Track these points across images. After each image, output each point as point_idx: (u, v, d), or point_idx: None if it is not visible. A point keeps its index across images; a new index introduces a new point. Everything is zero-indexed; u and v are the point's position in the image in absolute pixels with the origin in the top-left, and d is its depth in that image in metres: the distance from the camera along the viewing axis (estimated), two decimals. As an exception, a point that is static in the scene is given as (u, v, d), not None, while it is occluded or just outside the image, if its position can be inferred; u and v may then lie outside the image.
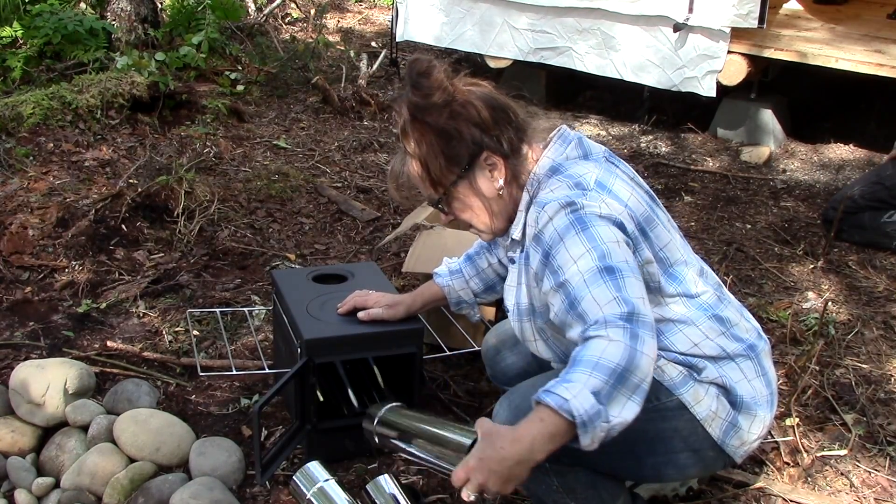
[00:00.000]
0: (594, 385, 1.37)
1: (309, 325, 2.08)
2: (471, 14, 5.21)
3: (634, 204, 1.66)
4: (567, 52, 4.95)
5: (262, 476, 1.96)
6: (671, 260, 1.70)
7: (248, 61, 5.57)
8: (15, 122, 3.90)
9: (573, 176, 1.66)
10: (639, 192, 1.71)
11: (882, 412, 2.45)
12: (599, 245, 1.53)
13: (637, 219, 1.64)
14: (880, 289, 3.19)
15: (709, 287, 1.76)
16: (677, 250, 1.73)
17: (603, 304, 1.47)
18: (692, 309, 1.71)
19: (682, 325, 1.70)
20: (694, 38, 4.54)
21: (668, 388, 1.69)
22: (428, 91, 1.68)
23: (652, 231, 1.68)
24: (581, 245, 1.54)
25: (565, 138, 1.76)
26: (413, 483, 2.11)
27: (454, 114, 1.68)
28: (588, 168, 1.68)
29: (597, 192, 1.62)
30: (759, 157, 4.57)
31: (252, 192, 3.77)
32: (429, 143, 1.70)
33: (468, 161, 1.70)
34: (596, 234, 1.55)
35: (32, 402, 2.29)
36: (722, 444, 1.71)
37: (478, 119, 1.69)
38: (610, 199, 1.61)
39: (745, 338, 1.75)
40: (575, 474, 1.66)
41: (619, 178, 1.69)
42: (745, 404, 1.71)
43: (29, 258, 3.07)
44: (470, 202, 1.75)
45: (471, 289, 2.10)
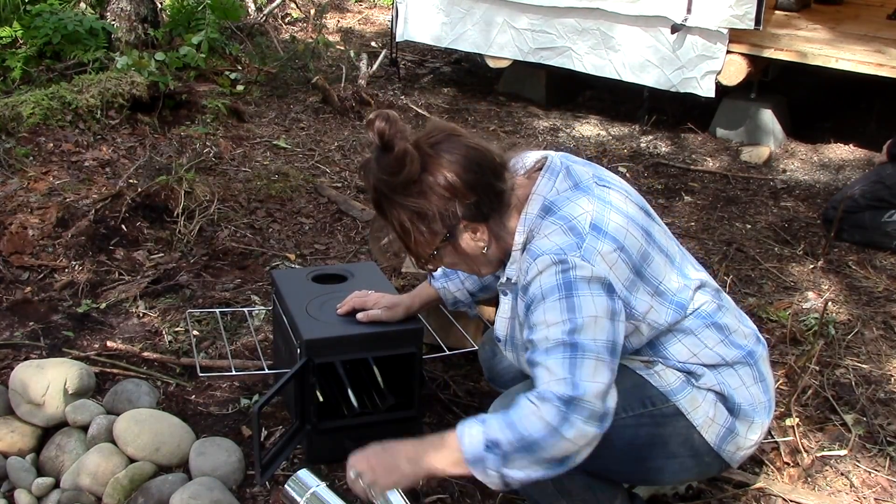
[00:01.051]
0: (498, 439, 1.50)
1: (309, 325, 2.08)
2: (471, 14, 5.21)
3: (630, 242, 1.62)
4: (567, 53, 4.95)
5: (261, 476, 1.96)
6: (669, 287, 1.68)
7: (248, 61, 5.57)
8: (15, 122, 3.90)
9: (567, 218, 1.61)
10: (634, 218, 1.67)
11: (882, 412, 2.45)
12: (576, 318, 1.52)
13: (628, 265, 1.60)
14: (880, 289, 3.19)
15: (707, 295, 1.75)
16: (675, 273, 1.70)
17: (552, 379, 1.51)
18: (690, 319, 1.71)
19: (681, 334, 1.71)
20: (692, 38, 4.54)
21: (665, 393, 1.69)
22: (396, 167, 1.59)
23: (648, 267, 1.65)
24: (558, 313, 1.53)
25: (553, 171, 1.69)
26: (413, 483, 2.11)
27: (425, 190, 1.60)
28: (582, 205, 1.63)
29: (592, 239, 1.57)
30: (759, 157, 4.57)
31: (252, 192, 3.77)
32: (402, 221, 1.64)
33: (446, 232, 1.66)
34: (577, 304, 1.53)
35: (32, 403, 2.29)
36: (718, 450, 1.71)
37: (451, 191, 1.61)
38: (605, 247, 1.57)
39: (744, 344, 1.75)
40: (569, 478, 1.66)
41: (614, 208, 1.64)
42: (743, 411, 1.71)
43: (29, 258, 3.07)
44: (455, 260, 1.74)
45: (466, 289, 2.10)
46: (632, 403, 1.68)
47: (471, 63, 6.21)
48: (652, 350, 1.72)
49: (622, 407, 1.66)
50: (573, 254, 1.55)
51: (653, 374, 1.70)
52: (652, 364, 1.72)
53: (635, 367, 1.71)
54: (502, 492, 1.71)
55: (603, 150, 4.64)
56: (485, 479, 1.53)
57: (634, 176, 4.27)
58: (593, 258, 1.56)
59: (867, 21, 5.23)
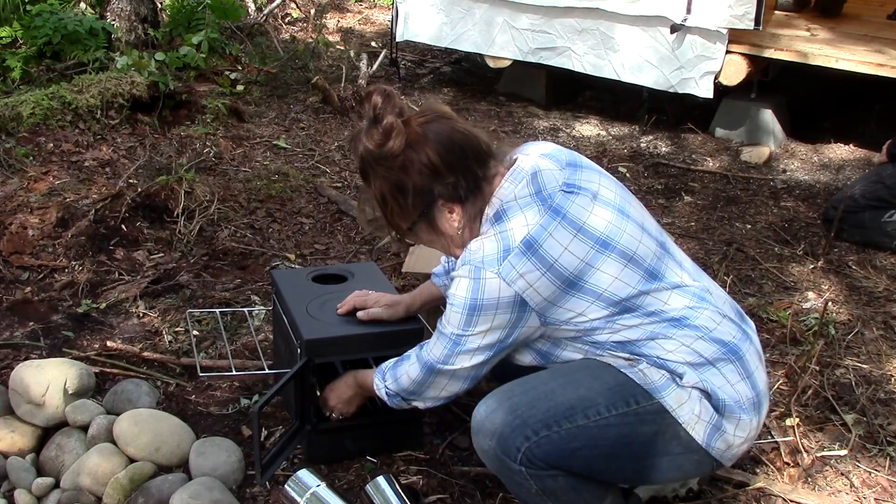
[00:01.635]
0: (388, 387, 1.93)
1: (309, 325, 2.08)
2: (471, 14, 5.21)
3: (566, 258, 1.65)
4: (566, 53, 4.95)
5: (262, 476, 1.96)
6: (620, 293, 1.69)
7: (248, 61, 5.57)
8: (15, 122, 3.90)
9: (506, 232, 1.67)
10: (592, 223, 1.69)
11: (882, 412, 2.45)
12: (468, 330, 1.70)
13: (564, 276, 1.65)
14: (880, 289, 3.19)
15: (684, 297, 1.74)
16: (638, 276, 1.70)
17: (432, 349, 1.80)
18: (658, 324, 1.72)
19: (655, 339, 1.72)
20: (691, 38, 4.54)
21: (650, 391, 1.68)
22: (381, 140, 1.68)
23: (590, 278, 1.67)
24: (457, 320, 1.71)
25: (516, 175, 1.75)
26: (413, 483, 2.11)
27: (406, 164, 1.69)
28: (527, 218, 1.67)
29: (517, 256, 1.64)
30: (759, 157, 4.57)
31: (252, 192, 3.77)
32: (383, 191, 1.73)
33: (423, 209, 1.73)
34: (474, 321, 1.69)
35: (32, 403, 2.29)
36: (707, 448, 1.71)
37: (430, 168, 1.69)
38: (527, 267, 1.64)
39: (728, 340, 1.74)
40: (553, 478, 1.66)
41: (564, 222, 1.67)
42: (729, 408, 1.71)
43: (29, 258, 3.07)
44: (431, 237, 1.82)
45: None
46: (615, 402, 1.68)
47: (471, 63, 6.21)
48: (626, 351, 1.72)
49: (606, 406, 1.67)
50: (491, 270, 1.64)
51: (637, 372, 1.70)
52: (636, 362, 1.71)
53: (619, 365, 1.71)
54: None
55: (603, 150, 4.64)
56: (387, 402, 1.95)
57: (634, 176, 4.28)
58: (510, 276, 1.64)
59: (867, 21, 5.23)
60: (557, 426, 1.65)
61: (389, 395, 1.93)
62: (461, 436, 2.27)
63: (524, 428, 1.64)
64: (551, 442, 1.64)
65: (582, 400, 1.67)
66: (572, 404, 1.67)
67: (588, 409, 1.67)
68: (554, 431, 1.64)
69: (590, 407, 1.67)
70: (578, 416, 1.66)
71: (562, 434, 1.64)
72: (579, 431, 1.65)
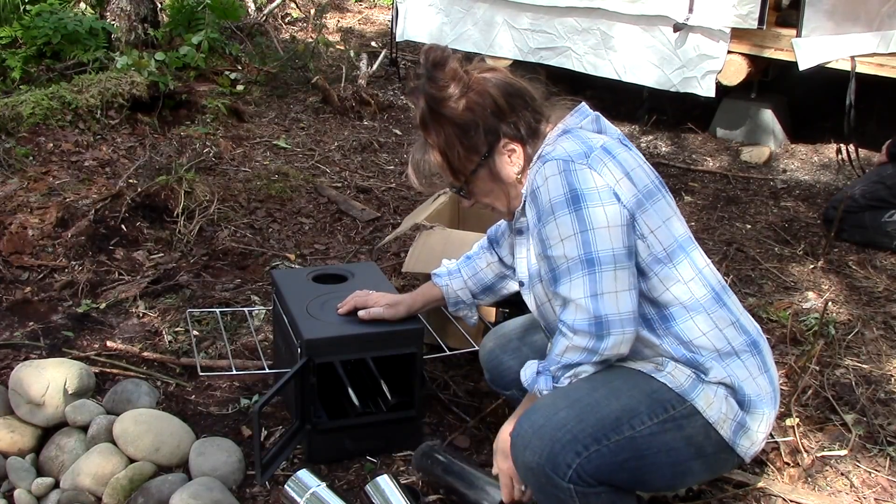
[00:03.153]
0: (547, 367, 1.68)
1: (309, 325, 2.07)
2: (471, 14, 5.21)
3: (638, 174, 1.69)
4: (566, 53, 4.95)
5: (262, 476, 1.96)
6: (675, 235, 1.71)
7: (248, 61, 5.57)
8: (15, 122, 3.90)
9: (581, 137, 1.70)
10: (646, 168, 1.74)
11: (882, 412, 2.45)
12: (587, 230, 1.59)
13: (638, 189, 1.66)
14: (880, 289, 3.19)
15: (714, 275, 1.77)
16: (681, 226, 1.74)
17: (577, 300, 1.61)
18: (701, 290, 1.70)
19: (693, 311, 1.69)
20: (694, 38, 4.54)
21: (681, 394, 1.67)
22: (444, 83, 1.70)
23: (654, 204, 1.68)
24: (570, 226, 1.60)
25: (583, 112, 1.79)
26: (413, 483, 2.11)
27: (470, 104, 1.71)
28: (598, 137, 1.72)
29: (601, 153, 1.65)
30: (759, 157, 4.57)
31: (252, 192, 3.77)
32: (447, 135, 1.73)
33: (487, 150, 1.73)
34: (587, 216, 1.59)
35: (32, 402, 2.28)
36: (733, 445, 1.71)
37: (494, 108, 1.71)
38: (612, 165, 1.65)
39: (750, 331, 1.75)
40: (597, 496, 1.64)
41: (629, 152, 1.72)
42: (752, 403, 1.71)
43: (29, 258, 3.07)
44: (490, 187, 1.79)
45: (469, 289, 2.10)
46: (656, 410, 1.66)
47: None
48: (663, 324, 1.70)
49: (648, 415, 1.65)
50: (580, 161, 1.63)
51: (666, 376, 1.69)
52: (662, 365, 1.70)
53: (648, 370, 1.71)
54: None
55: (603, 150, 4.64)
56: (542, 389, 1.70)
57: (634, 176, 4.27)
58: (600, 168, 1.64)
59: (867, 21, 5.22)
60: (606, 439, 1.61)
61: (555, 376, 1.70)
62: (461, 436, 2.27)
63: (575, 443, 1.60)
64: (601, 456, 1.61)
65: (626, 410, 1.65)
66: (618, 415, 1.64)
67: (633, 418, 1.64)
68: (604, 445, 1.61)
69: (634, 417, 1.64)
70: (625, 428, 1.63)
71: (611, 447, 1.61)
72: (627, 443, 1.63)
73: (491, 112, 1.71)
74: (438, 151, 1.76)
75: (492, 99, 1.71)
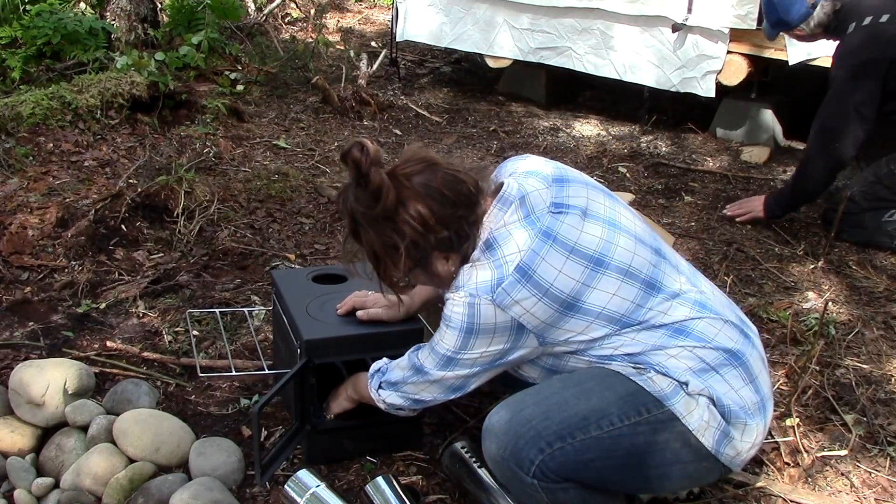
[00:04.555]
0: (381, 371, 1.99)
1: (309, 325, 2.07)
2: (471, 14, 5.21)
3: (562, 281, 1.64)
4: (566, 52, 4.95)
5: (261, 477, 1.96)
6: (619, 310, 1.70)
7: (248, 61, 5.57)
8: (14, 122, 3.90)
9: (498, 260, 1.66)
10: (584, 241, 1.68)
11: (882, 412, 2.45)
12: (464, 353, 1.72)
13: (550, 310, 1.65)
14: (880, 289, 3.19)
15: (684, 307, 1.74)
16: (636, 290, 1.70)
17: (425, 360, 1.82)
18: (660, 336, 1.72)
19: (658, 350, 1.72)
20: (693, 38, 4.54)
21: (660, 399, 1.68)
22: (371, 202, 1.65)
23: (588, 299, 1.66)
24: (452, 342, 1.72)
25: (505, 201, 1.73)
26: (413, 483, 2.11)
27: (399, 223, 1.66)
28: (518, 243, 1.66)
29: (512, 284, 1.63)
30: (759, 157, 4.57)
31: (252, 192, 3.77)
32: (378, 250, 1.72)
33: (416, 262, 1.72)
34: (469, 344, 1.71)
35: (32, 403, 2.28)
36: (716, 454, 1.70)
37: (422, 223, 1.66)
38: (523, 293, 1.63)
39: (730, 347, 1.74)
40: (565, 491, 1.66)
41: (554, 246, 1.66)
42: (734, 414, 1.70)
43: (28, 258, 3.07)
44: (427, 281, 1.85)
45: None
46: (628, 412, 1.67)
47: (471, 63, 6.20)
48: (631, 361, 1.72)
49: (618, 416, 1.66)
50: (485, 297, 1.64)
51: (646, 380, 1.70)
52: (644, 370, 1.71)
53: (628, 373, 1.71)
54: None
55: (603, 150, 4.64)
56: (375, 398, 1.97)
57: (634, 176, 4.28)
58: (505, 303, 1.64)
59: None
60: (571, 437, 1.64)
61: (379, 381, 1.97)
62: (461, 436, 2.27)
63: (538, 440, 1.63)
64: (565, 454, 1.63)
65: (595, 410, 1.66)
66: (586, 415, 1.66)
67: (601, 419, 1.66)
68: (568, 443, 1.63)
69: (603, 417, 1.66)
70: (592, 427, 1.65)
71: (576, 445, 1.63)
72: (593, 442, 1.64)
73: (420, 229, 1.66)
74: (370, 260, 1.76)
75: (419, 215, 1.65)
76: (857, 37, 3.23)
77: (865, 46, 3.22)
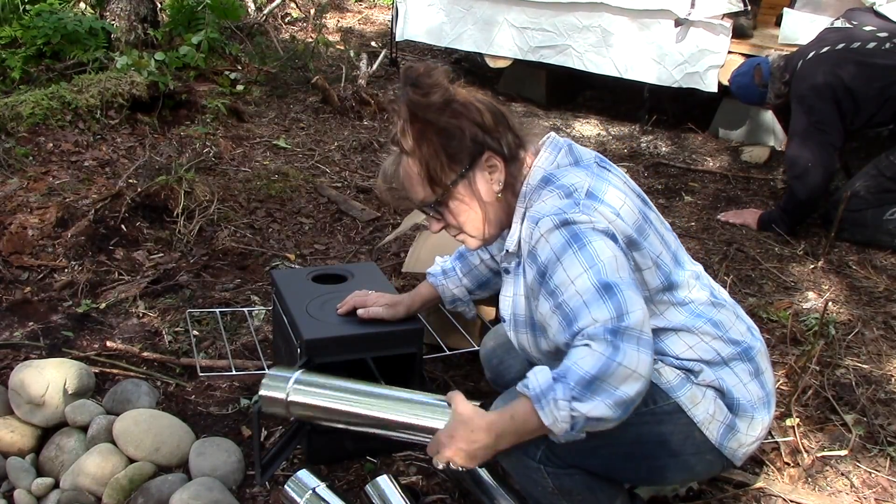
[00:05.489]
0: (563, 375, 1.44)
1: (309, 325, 2.07)
2: (471, 13, 5.21)
3: (626, 212, 1.64)
4: (567, 51, 4.95)
5: (261, 476, 1.96)
6: (665, 267, 1.70)
7: (248, 61, 5.57)
8: (14, 122, 3.90)
9: (564, 186, 1.64)
10: (631, 198, 1.70)
11: (882, 412, 2.45)
12: (596, 262, 1.52)
13: (628, 228, 1.63)
14: (881, 289, 3.19)
15: (704, 290, 1.76)
16: (670, 256, 1.72)
17: (598, 319, 1.47)
18: (685, 314, 1.71)
19: (679, 330, 1.71)
20: (695, 32, 4.55)
21: (666, 390, 1.69)
22: (428, 90, 1.65)
23: (645, 240, 1.66)
24: (578, 265, 1.53)
25: (555, 145, 1.74)
26: (413, 483, 2.11)
27: (456, 112, 1.66)
28: (579, 176, 1.66)
29: (588, 201, 1.60)
30: (759, 157, 4.57)
31: (252, 192, 3.77)
32: (429, 142, 1.66)
33: (469, 160, 1.68)
34: (592, 251, 1.53)
35: (32, 403, 2.28)
36: (720, 447, 1.71)
37: (479, 119, 1.67)
38: (602, 209, 1.60)
39: (741, 340, 1.75)
40: (570, 477, 1.66)
41: (612, 185, 1.67)
42: (742, 407, 1.72)
43: (28, 258, 3.07)
44: (467, 204, 1.72)
45: (464, 286, 2.11)
46: None
47: (471, 63, 6.21)
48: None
49: None
50: (572, 211, 1.58)
51: (653, 373, 1.70)
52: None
53: None
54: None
55: (603, 150, 4.64)
56: (552, 421, 1.44)
57: (634, 176, 4.27)
58: (592, 213, 1.59)
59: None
60: None
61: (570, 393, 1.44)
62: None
63: None
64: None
65: None
66: None
67: None
68: None
69: None
70: None
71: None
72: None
73: (476, 123, 1.67)
74: (417, 161, 1.68)
75: (477, 110, 1.68)
76: (803, 69, 3.51)
77: (811, 74, 3.47)
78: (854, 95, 3.39)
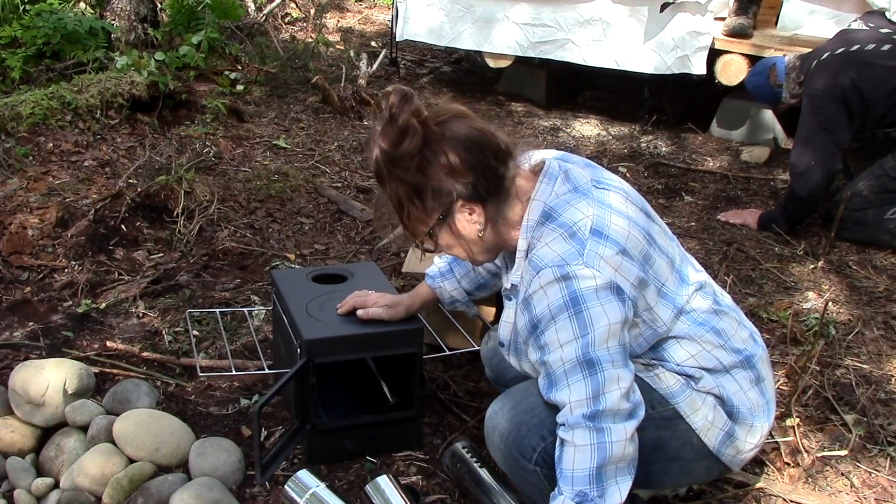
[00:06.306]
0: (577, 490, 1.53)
1: (309, 325, 2.07)
2: (471, 12, 5.21)
3: (632, 242, 1.61)
4: (567, 46, 4.94)
5: (261, 476, 1.96)
6: (669, 295, 1.68)
7: (248, 61, 5.57)
8: (14, 122, 3.89)
9: (567, 224, 1.60)
10: (634, 218, 1.66)
11: (882, 412, 2.45)
12: (588, 332, 1.53)
13: (635, 267, 1.60)
14: (881, 289, 3.19)
15: (707, 299, 1.75)
16: (674, 278, 1.70)
17: (574, 402, 1.54)
18: (688, 323, 1.71)
19: (681, 339, 1.71)
20: (682, 15, 4.56)
21: (665, 396, 1.68)
22: (397, 140, 1.59)
23: (651, 267, 1.64)
24: (570, 331, 1.54)
25: (551, 175, 1.68)
26: (413, 483, 2.11)
27: (424, 165, 1.60)
28: (582, 210, 1.61)
29: (594, 244, 1.56)
30: (759, 157, 4.57)
31: (252, 192, 3.77)
32: (402, 195, 1.64)
33: (443, 211, 1.65)
34: (587, 318, 1.53)
35: (32, 403, 2.28)
36: (717, 454, 1.71)
37: (449, 167, 1.60)
38: (608, 251, 1.56)
39: (742, 348, 1.74)
40: None
41: (613, 211, 1.63)
42: (742, 414, 1.71)
43: (28, 258, 3.07)
44: (451, 242, 1.72)
45: (462, 288, 2.11)
46: None
47: (471, 63, 6.20)
48: (652, 352, 1.72)
49: None
50: (576, 263, 1.54)
51: (653, 377, 1.70)
52: (652, 367, 1.71)
53: (636, 369, 1.71)
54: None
55: (603, 150, 4.64)
56: None
57: (634, 176, 4.27)
58: (597, 264, 1.55)
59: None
60: None
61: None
62: (461, 436, 2.27)
63: (541, 428, 1.63)
64: None
65: None
66: None
67: None
68: None
69: None
70: None
71: None
72: None
73: (447, 172, 1.60)
74: (395, 209, 1.68)
75: (446, 159, 1.59)
76: (816, 71, 3.51)
77: (823, 74, 3.46)
78: (864, 96, 3.39)
